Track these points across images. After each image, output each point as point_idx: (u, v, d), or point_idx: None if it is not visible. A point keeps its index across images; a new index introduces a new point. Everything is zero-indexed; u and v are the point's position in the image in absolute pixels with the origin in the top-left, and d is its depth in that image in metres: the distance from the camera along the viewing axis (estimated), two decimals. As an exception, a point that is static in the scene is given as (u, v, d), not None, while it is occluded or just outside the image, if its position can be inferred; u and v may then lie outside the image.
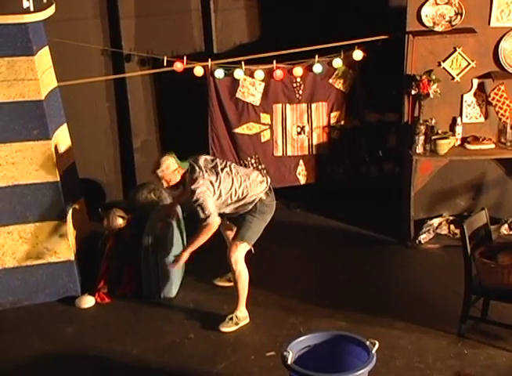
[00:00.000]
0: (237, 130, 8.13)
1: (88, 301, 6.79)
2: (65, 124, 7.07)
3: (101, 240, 7.09)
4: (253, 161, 8.22)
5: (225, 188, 6.33)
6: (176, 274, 6.90)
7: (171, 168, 6.27)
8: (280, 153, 8.24)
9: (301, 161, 8.27)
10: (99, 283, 6.87)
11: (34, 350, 6.20)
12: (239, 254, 6.34)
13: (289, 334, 6.13)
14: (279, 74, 7.93)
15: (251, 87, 8.01)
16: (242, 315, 6.41)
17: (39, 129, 6.65)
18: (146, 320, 6.59)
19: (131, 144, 8.49)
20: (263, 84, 8.01)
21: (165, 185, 6.34)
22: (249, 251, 6.44)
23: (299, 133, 8.19)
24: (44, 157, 6.70)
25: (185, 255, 6.31)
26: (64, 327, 6.49)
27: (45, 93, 6.69)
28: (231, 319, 6.39)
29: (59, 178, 6.76)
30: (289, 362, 5.13)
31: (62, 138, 7.00)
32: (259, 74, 7.94)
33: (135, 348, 6.20)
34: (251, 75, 7.95)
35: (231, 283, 6.63)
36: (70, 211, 6.93)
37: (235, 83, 7.97)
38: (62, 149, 6.96)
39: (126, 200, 8.05)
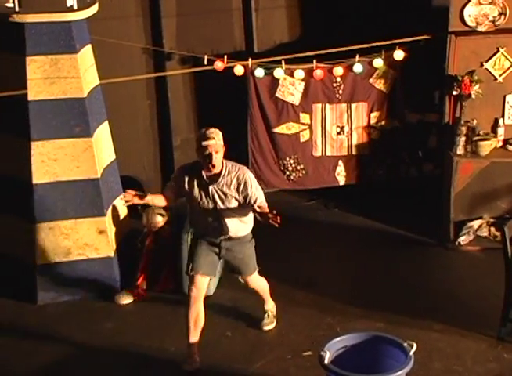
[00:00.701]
0: (276, 129, 8.13)
1: (126, 298, 6.84)
2: (106, 122, 7.12)
3: (140, 237, 7.14)
4: (292, 161, 8.20)
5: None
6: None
7: (222, 141, 5.67)
8: (319, 154, 8.22)
9: (340, 162, 8.24)
10: (137, 280, 6.92)
11: (73, 345, 6.26)
12: (255, 281, 6.20)
13: (326, 334, 6.12)
14: (319, 73, 7.91)
15: (291, 86, 8.00)
16: (272, 306, 6.42)
17: (81, 126, 6.71)
18: (184, 317, 6.61)
19: (171, 142, 8.52)
20: (303, 83, 7.99)
21: (214, 158, 5.56)
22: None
23: (338, 133, 8.17)
24: (85, 154, 6.75)
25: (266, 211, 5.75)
26: (103, 323, 6.54)
27: (87, 91, 6.75)
28: (268, 315, 6.40)
29: (99, 176, 6.82)
30: (326, 362, 5.12)
31: (103, 135, 7.05)
32: (299, 73, 7.92)
33: (172, 345, 6.22)
34: (291, 74, 7.94)
35: None
36: (110, 208, 6.98)
37: (275, 82, 7.96)
38: (103, 146, 7.01)
39: (165, 197, 8.08)
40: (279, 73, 7.91)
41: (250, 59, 7.87)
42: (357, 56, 7.86)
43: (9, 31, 6.55)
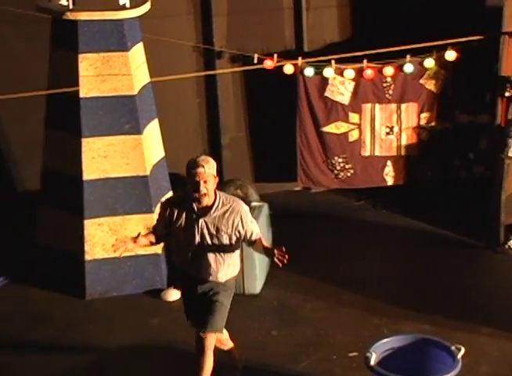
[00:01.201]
0: (325, 129, 8.10)
1: (173, 295, 6.86)
2: (156, 119, 7.16)
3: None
4: (340, 160, 8.17)
5: None
6: (261, 270, 6.92)
7: (214, 170, 5.18)
8: (368, 153, 8.17)
9: (389, 162, 8.18)
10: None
11: (120, 340, 6.31)
12: (210, 343, 5.38)
13: (372, 335, 6.08)
14: (369, 73, 7.86)
15: (341, 86, 7.97)
16: None
17: (131, 123, 6.76)
18: (230, 316, 6.59)
19: (220, 140, 8.54)
20: (353, 83, 7.95)
21: (202, 187, 5.09)
22: None
23: (388, 133, 8.11)
24: (134, 151, 6.80)
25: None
26: (150, 319, 6.58)
27: (137, 88, 6.79)
28: None
29: (148, 173, 6.86)
30: (372, 363, 5.09)
31: (153, 132, 7.09)
32: (349, 72, 7.88)
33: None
34: (341, 74, 7.91)
35: None
36: (159, 205, 7.00)
37: (324, 82, 7.93)
38: (152, 143, 7.05)
39: (213, 195, 8.09)
40: (328, 72, 7.87)
41: (300, 58, 7.85)
42: (408, 56, 7.79)
43: (62, 29, 6.62)
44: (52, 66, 6.85)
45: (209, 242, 5.20)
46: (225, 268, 5.29)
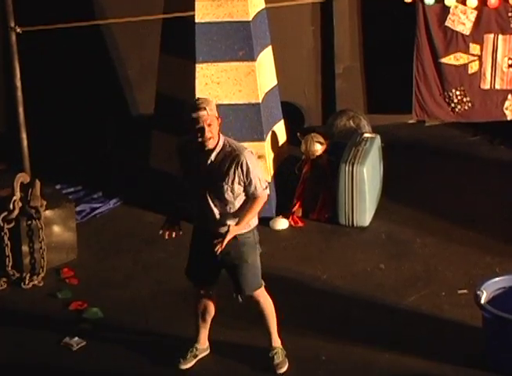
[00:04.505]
0: (444, 60, 7.89)
1: (281, 223, 6.92)
2: (270, 47, 7.12)
3: (298, 164, 7.17)
4: (457, 93, 7.96)
5: None
6: (371, 203, 6.88)
7: (215, 111, 4.92)
8: (488, 86, 7.92)
9: (510, 96, 7.93)
10: (293, 207, 6.97)
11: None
12: (263, 300, 5.24)
13: (484, 273, 6.00)
14: (493, 1, 7.59)
15: (462, 15, 7.72)
16: (279, 342, 5.37)
17: (245, 50, 6.74)
18: (338, 247, 6.65)
19: (334, 70, 8.44)
20: (475, 12, 7.69)
21: (207, 132, 4.83)
22: None
23: (510, 66, 7.84)
24: (247, 78, 6.79)
25: (228, 238, 4.95)
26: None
27: (252, 14, 6.75)
28: (277, 354, 5.33)
29: (260, 100, 6.86)
30: (482, 301, 5.02)
31: (266, 60, 7.06)
32: (472, 1, 7.63)
33: (324, 273, 6.28)
34: (463, 2, 7.66)
35: None
36: (270, 134, 7.02)
37: (445, 10, 7.70)
38: (265, 71, 7.03)
39: (325, 125, 8.06)
40: (450, 0, 7.63)
41: (420, -15, 7.64)
42: (537, -16, 7.46)
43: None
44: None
45: (211, 190, 4.93)
46: (232, 220, 4.99)
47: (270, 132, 7.04)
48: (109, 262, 6.51)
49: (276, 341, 5.34)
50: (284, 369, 5.31)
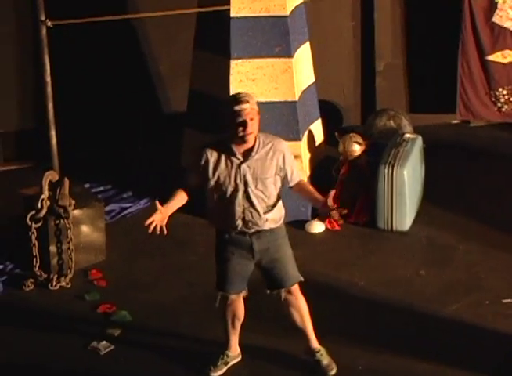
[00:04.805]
0: (490, 57, 7.85)
1: (317, 227, 6.92)
2: (307, 42, 7.13)
3: (335, 165, 7.17)
4: (504, 92, 7.93)
5: None
6: (411, 206, 6.86)
7: (257, 107, 4.92)
8: (537, 85, 7.89)
9: (560, 95, 7.89)
10: (331, 210, 6.95)
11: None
12: (300, 296, 5.25)
13: (530, 281, 5.97)
14: (543, -4, 7.54)
15: (510, 11, 7.69)
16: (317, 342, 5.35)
17: (281, 46, 6.75)
18: (376, 252, 6.63)
19: (374, 67, 8.42)
20: (524, 8, 7.66)
21: (249, 126, 4.83)
22: None
23: (561, 64, 7.80)
24: (284, 75, 6.80)
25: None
26: (293, 251, 6.66)
27: (290, 8, 6.76)
28: (322, 355, 5.29)
29: (297, 98, 6.86)
30: (527, 311, 4.98)
31: (303, 56, 7.06)
32: (521, -4, 7.58)
33: (362, 279, 6.26)
34: (512, -2, 7.64)
35: None
36: (306, 133, 7.03)
37: (492, 5, 7.69)
38: (303, 68, 7.03)
39: (364, 125, 8.05)
40: (497, -5, 7.60)
41: (466, -21, 7.62)
42: None
43: None
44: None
45: (253, 188, 4.93)
46: (272, 213, 5.03)
47: (307, 132, 7.04)
48: (139, 264, 6.55)
49: (316, 342, 5.28)
50: (335, 370, 5.22)
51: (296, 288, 5.21)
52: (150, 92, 8.19)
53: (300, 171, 5.07)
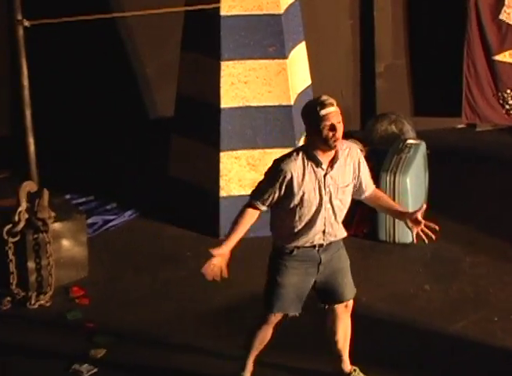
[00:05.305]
0: (498, 57, 7.89)
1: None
2: (303, 43, 7.14)
3: (333, 173, 7.17)
4: (513, 94, 7.97)
5: None
6: (415, 217, 6.85)
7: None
8: (547, 87, 7.93)
9: None
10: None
11: (254, 284, 6.37)
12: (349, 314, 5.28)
13: (541, 296, 5.98)
14: (553, -8, 7.59)
15: (519, 7, 7.73)
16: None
17: (275, 46, 6.77)
18: (378, 265, 6.63)
19: (374, 68, 8.45)
20: (533, 4, 7.70)
21: (338, 131, 4.75)
22: None
23: None
24: (278, 78, 6.82)
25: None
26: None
27: (284, 6, 6.78)
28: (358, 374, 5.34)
29: (292, 102, 6.87)
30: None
31: (299, 57, 7.08)
32: (530, -8, 7.63)
33: (363, 294, 6.23)
34: (521, -7, 7.68)
35: None
36: (302, 139, 7.03)
37: (500, 1, 7.72)
38: (298, 69, 7.05)
39: (364, 130, 8.07)
40: (505, -9, 7.64)
41: (471, -26, 7.66)
42: None
43: None
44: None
45: (335, 198, 4.89)
46: (341, 223, 5.02)
47: (303, 138, 7.05)
48: (124, 281, 6.53)
49: (349, 364, 5.28)
50: None
51: (350, 302, 5.18)
52: (136, 96, 8.20)
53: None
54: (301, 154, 4.85)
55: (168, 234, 7.01)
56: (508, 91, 7.98)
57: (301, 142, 7.02)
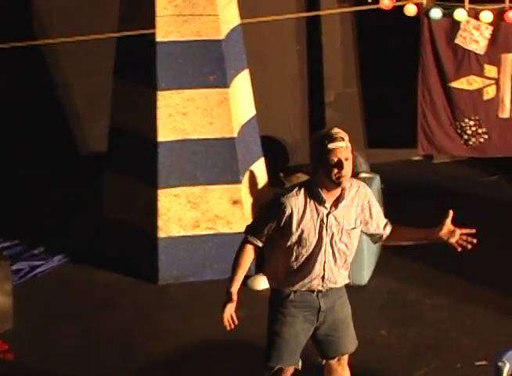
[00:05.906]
0: (454, 84, 7.99)
1: (262, 283, 6.90)
2: (246, 70, 7.17)
3: (281, 210, 7.17)
4: (471, 123, 8.05)
5: None
6: (369, 257, 6.89)
7: (350, 146, 4.82)
8: (507, 115, 8.04)
9: (534, 127, 8.06)
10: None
11: (198, 335, 6.38)
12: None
13: (506, 340, 5.98)
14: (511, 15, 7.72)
15: (475, 31, 7.84)
16: None
17: (216, 75, 6.79)
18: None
19: (323, 97, 8.52)
20: (490, 28, 7.82)
21: (346, 167, 4.69)
22: None
23: (533, 91, 7.98)
24: (220, 108, 6.83)
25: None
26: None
27: (225, 32, 6.81)
28: None
29: (236, 134, 6.89)
30: (504, 375, 5.02)
31: (242, 86, 7.11)
32: (486, 15, 7.76)
33: (315, 342, 6.25)
34: (476, 17, 7.79)
35: None
36: (247, 174, 7.04)
37: (454, 26, 7.84)
38: (241, 99, 7.07)
39: (313, 164, 8.09)
40: (460, 14, 7.77)
41: (424, -3, 7.78)
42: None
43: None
44: (123, 4, 6.92)
45: (338, 241, 4.84)
46: (347, 269, 4.99)
47: (247, 173, 7.06)
48: (53, 333, 6.45)
49: None
50: None
51: (347, 356, 5.12)
52: (65, 129, 8.16)
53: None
54: (303, 190, 4.80)
55: (102, 280, 6.95)
56: (466, 120, 8.07)
57: (246, 178, 7.04)
